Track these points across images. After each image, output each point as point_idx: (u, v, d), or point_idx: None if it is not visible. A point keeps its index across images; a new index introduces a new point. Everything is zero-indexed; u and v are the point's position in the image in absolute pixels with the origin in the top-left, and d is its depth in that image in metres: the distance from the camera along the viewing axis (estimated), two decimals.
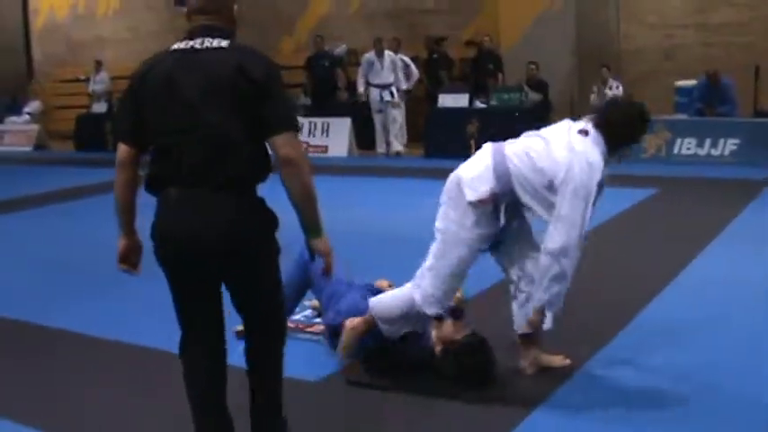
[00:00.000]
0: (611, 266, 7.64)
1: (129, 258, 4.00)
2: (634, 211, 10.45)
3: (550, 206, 4.89)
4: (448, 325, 5.30)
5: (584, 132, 5.01)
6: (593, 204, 4.90)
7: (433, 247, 5.11)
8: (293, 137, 3.69)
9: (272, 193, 3.83)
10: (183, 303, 3.88)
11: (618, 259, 7.95)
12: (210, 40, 3.72)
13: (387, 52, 17.98)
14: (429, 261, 5.09)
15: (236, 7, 3.88)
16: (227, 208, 3.67)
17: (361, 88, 18.15)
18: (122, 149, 3.83)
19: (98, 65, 23.48)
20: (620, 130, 5.10)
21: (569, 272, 4.90)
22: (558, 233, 4.83)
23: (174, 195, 3.70)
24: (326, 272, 3.94)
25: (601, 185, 4.91)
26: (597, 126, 5.04)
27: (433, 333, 5.34)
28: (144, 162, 3.83)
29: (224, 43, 3.72)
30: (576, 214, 4.80)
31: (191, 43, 3.74)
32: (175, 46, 3.79)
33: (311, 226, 3.80)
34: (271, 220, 3.82)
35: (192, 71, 3.67)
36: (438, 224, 5.13)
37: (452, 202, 5.10)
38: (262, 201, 3.82)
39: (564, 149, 4.91)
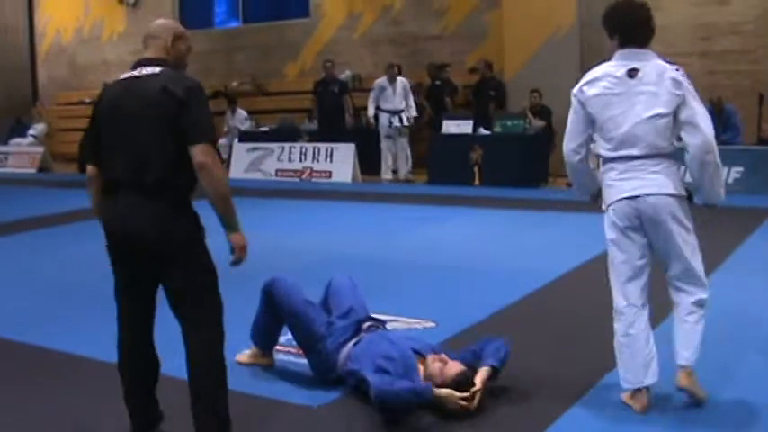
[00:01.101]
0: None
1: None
2: None
3: None
4: (432, 361, 5.10)
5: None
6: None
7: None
8: (208, 147, 4.23)
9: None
10: (121, 291, 4.54)
11: None
12: (148, 68, 4.42)
13: (399, 79, 18.03)
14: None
15: (169, 40, 4.60)
16: (153, 210, 4.26)
17: (371, 112, 18.16)
18: (89, 169, 4.57)
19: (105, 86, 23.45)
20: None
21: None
22: None
23: (115, 200, 4.37)
24: (234, 264, 4.40)
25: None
26: None
27: (420, 369, 5.12)
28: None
29: (157, 70, 4.39)
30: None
31: (134, 73, 4.47)
32: (122, 76, 4.53)
33: (227, 222, 4.32)
34: (193, 222, 4.36)
35: (132, 95, 4.35)
36: None
37: None
38: (186, 204, 4.36)
39: None
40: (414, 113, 18.16)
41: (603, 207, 5.11)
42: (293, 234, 5.93)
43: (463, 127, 17.03)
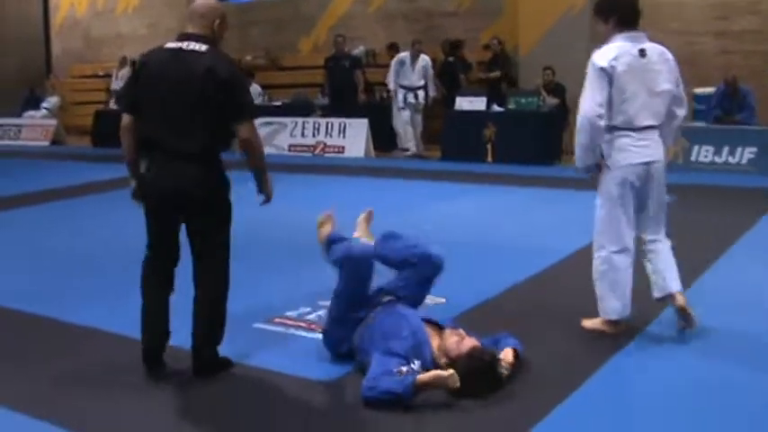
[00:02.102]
0: None
1: (137, 194, 5.33)
2: None
3: None
4: (449, 335, 5.14)
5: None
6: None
7: None
8: (251, 124, 5.14)
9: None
10: (154, 232, 5.31)
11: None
12: (194, 44, 5.07)
13: (422, 56, 17.95)
14: None
15: (217, 21, 5.21)
16: (191, 171, 5.05)
17: (391, 86, 18.13)
18: (126, 118, 5.25)
19: (123, 60, 23.47)
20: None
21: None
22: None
23: (157, 159, 5.12)
24: (265, 201, 5.47)
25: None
26: None
27: (433, 343, 5.16)
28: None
29: (203, 48, 5.05)
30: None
31: (180, 44, 5.09)
32: (169, 45, 5.15)
33: (262, 182, 5.36)
34: (223, 181, 5.22)
35: (178, 67, 5.02)
36: None
37: None
38: (220, 165, 5.21)
39: None
40: (432, 93, 18.12)
41: (609, 166, 5.97)
42: (306, 208, 5.95)
43: (476, 104, 16.97)
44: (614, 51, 5.74)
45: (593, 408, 4.77)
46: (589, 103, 5.76)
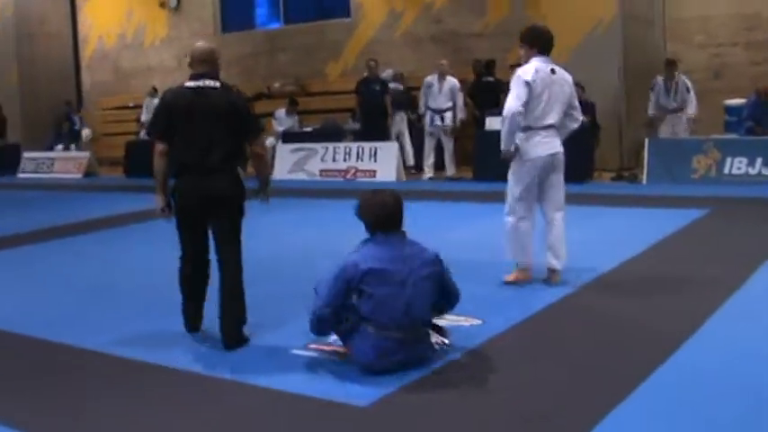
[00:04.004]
0: (661, 288, 7.59)
1: (166, 210, 6.57)
2: (687, 231, 10.33)
3: None
4: None
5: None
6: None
7: None
8: (259, 139, 6.74)
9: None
10: (185, 234, 6.60)
11: (669, 282, 7.86)
12: (209, 81, 6.39)
13: (449, 78, 17.96)
14: None
15: (216, 59, 6.61)
16: (216, 180, 6.32)
17: (422, 110, 18.25)
18: (160, 145, 6.45)
19: (153, 91, 23.67)
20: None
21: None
22: None
23: (186, 175, 6.38)
24: (263, 200, 6.78)
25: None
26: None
27: None
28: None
29: (217, 84, 6.39)
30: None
31: (198, 83, 6.38)
32: (189, 84, 6.42)
33: (266, 186, 6.76)
34: (241, 188, 6.46)
35: (203, 102, 6.31)
36: None
37: None
38: (238, 177, 6.44)
39: None
40: (461, 115, 18.12)
41: (522, 156, 7.92)
42: (339, 234, 6.02)
43: None
44: (533, 68, 7.80)
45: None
46: (515, 101, 7.79)
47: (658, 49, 18.16)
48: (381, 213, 5.74)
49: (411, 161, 18.81)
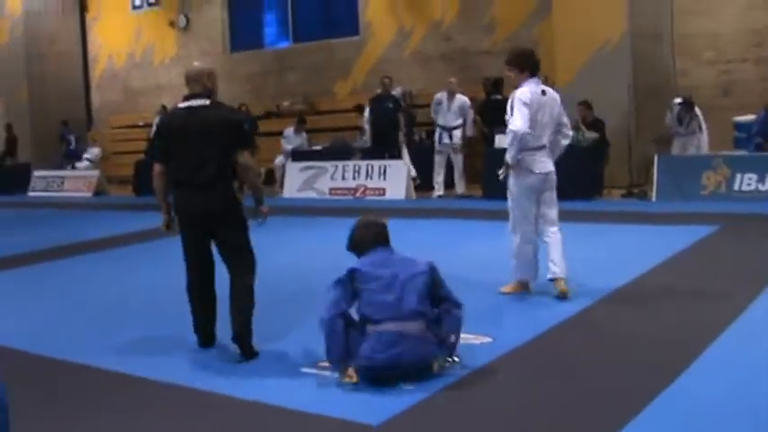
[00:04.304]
0: (670, 305, 7.57)
1: (171, 227, 6.85)
2: (697, 248, 10.30)
3: None
4: None
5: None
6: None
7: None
8: (248, 151, 6.63)
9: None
10: (189, 249, 6.75)
11: (679, 299, 7.84)
12: (200, 100, 6.62)
13: (458, 96, 17.98)
14: None
15: (206, 79, 6.72)
16: (209, 196, 6.50)
17: (436, 127, 18.27)
18: (158, 166, 6.75)
19: (163, 109, 23.67)
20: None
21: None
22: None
23: (183, 192, 6.61)
24: (260, 223, 6.82)
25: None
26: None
27: None
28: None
29: (207, 102, 6.62)
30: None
31: (189, 103, 6.64)
32: (182, 105, 6.69)
33: (259, 199, 6.82)
34: (236, 200, 6.61)
35: (195, 122, 6.54)
36: None
37: None
38: (231, 189, 6.57)
39: None
40: (470, 133, 18.14)
41: (520, 177, 8.25)
42: (347, 251, 6.04)
43: None
44: (527, 91, 8.03)
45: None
46: (523, 123, 7.95)
47: (667, 65, 18.13)
48: (367, 233, 6.25)
49: (413, 172, 18.73)
